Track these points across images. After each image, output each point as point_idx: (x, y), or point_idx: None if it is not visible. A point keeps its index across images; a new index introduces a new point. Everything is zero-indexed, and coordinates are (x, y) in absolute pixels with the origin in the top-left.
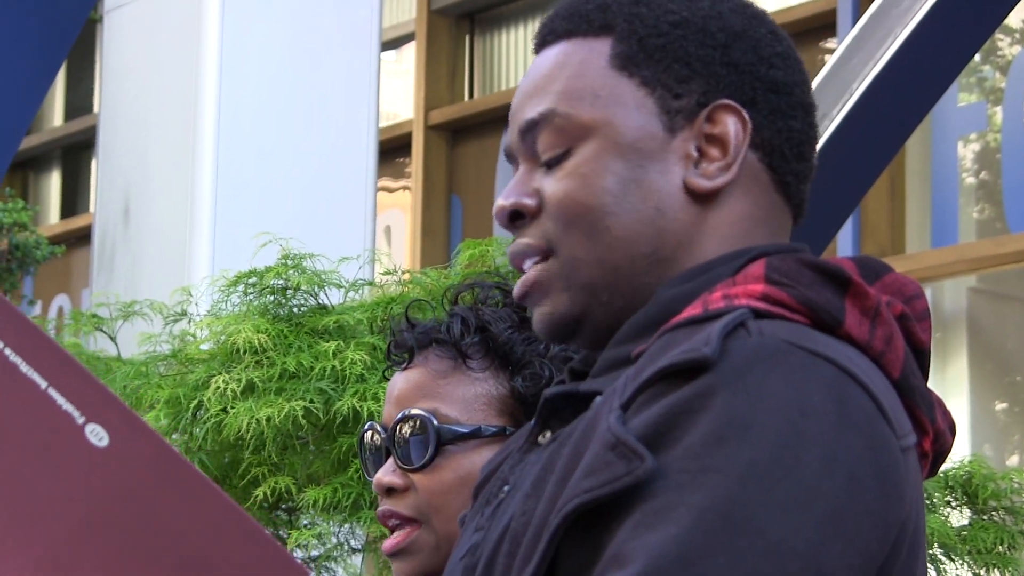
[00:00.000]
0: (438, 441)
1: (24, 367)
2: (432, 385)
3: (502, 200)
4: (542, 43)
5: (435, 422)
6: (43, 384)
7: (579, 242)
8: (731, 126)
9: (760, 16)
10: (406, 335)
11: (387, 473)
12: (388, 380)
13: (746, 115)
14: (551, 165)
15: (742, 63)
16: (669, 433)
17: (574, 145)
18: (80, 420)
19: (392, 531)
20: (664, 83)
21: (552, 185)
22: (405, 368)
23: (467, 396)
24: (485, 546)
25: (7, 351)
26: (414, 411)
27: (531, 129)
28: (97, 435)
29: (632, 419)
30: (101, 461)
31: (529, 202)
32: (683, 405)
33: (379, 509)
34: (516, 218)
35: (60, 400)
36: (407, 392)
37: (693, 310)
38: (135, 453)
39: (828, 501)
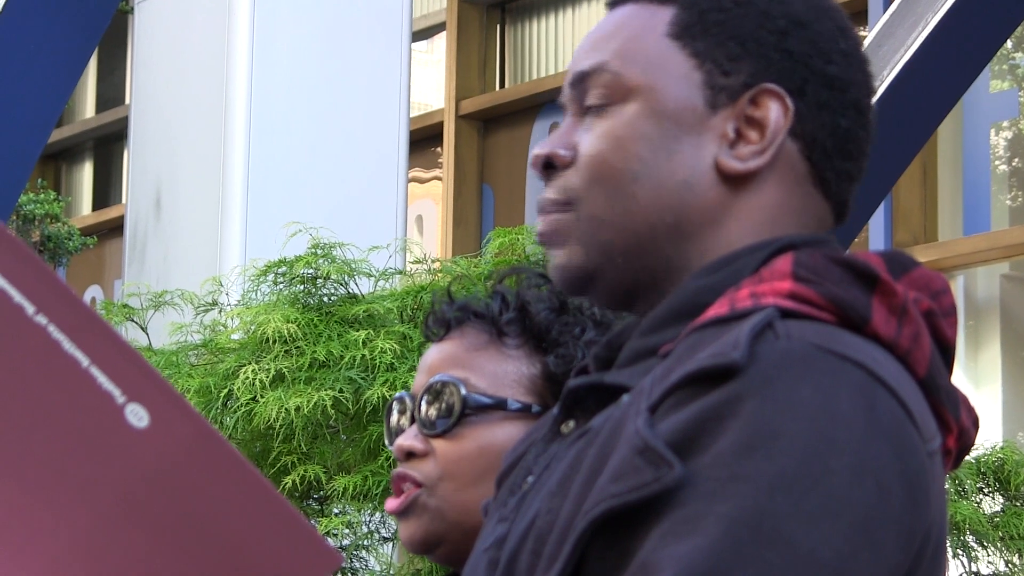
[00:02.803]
0: (463, 408)
1: (67, 344)
2: (465, 356)
3: (538, 149)
4: (614, 3)
5: (462, 389)
6: (85, 362)
7: (601, 202)
8: (773, 111)
9: (830, 10)
10: (445, 309)
11: (408, 438)
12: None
13: (789, 102)
14: (593, 112)
15: (797, 52)
16: (698, 440)
17: (616, 103)
18: (120, 400)
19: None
20: (714, 58)
21: (587, 141)
22: (440, 341)
23: (498, 371)
24: (509, 541)
25: (51, 327)
26: (442, 377)
27: (582, 80)
28: (137, 415)
29: (660, 423)
30: (139, 442)
31: (564, 153)
32: (712, 411)
33: (394, 472)
34: (549, 167)
35: (101, 379)
36: (439, 361)
37: (720, 308)
38: (175, 434)
39: (857, 511)
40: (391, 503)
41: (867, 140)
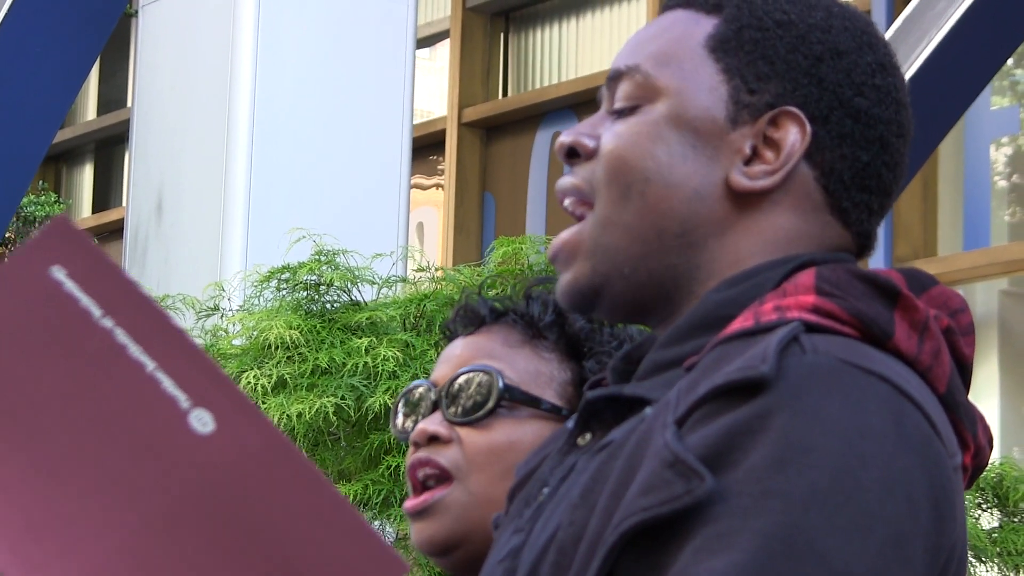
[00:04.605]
0: (500, 398)
1: (133, 348)
2: (499, 351)
3: (564, 136)
4: (666, 6)
5: (500, 380)
6: (151, 367)
7: (613, 201)
8: (790, 134)
9: (875, 45)
10: (479, 304)
11: (433, 423)
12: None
13: (809, 128)
14: (618, 115)
15: (828, 80)
16: (728, 454)
17: (643, 104)
18: (185, 405)
19: (419, 486)
20: (743, 75)
21: (609, 135)
22: (469, 336)
23: (530, 369)
24: (527, 552)
25: (117, 331)
26: (479, 365)
27: (616, 78)
28: (202, 421)
29: (689, 436)
30: (202, 448)
31: (588, 143)
32: (742, 426)
33: (413, 457)
34: (572, 155)
35: (166, 384)
36: (472, 353)
37: (744, 322)
38: (241, 440)
39: (888, 525)
40: (410, 501)
41: (892, 179)
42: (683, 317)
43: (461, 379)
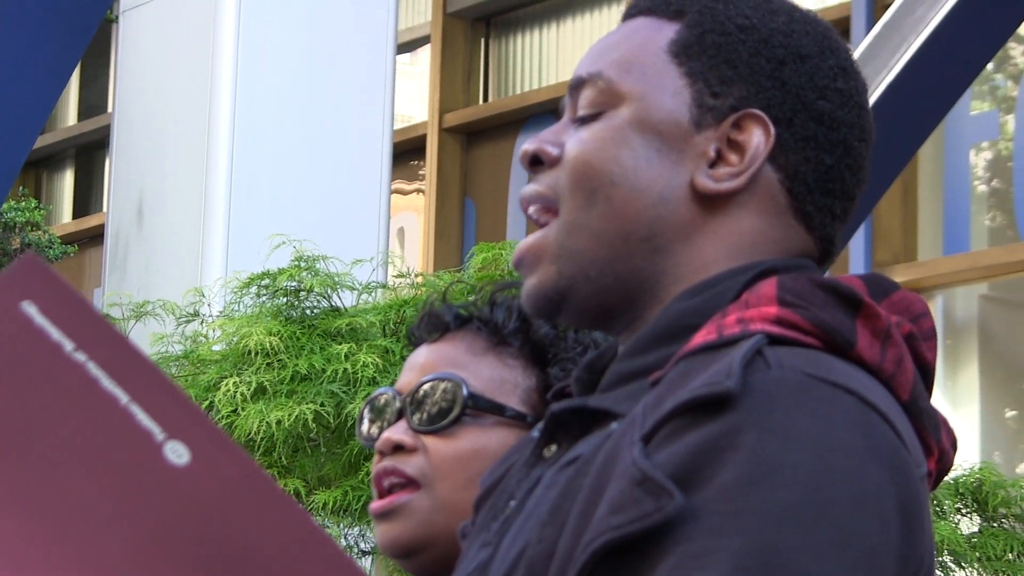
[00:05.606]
0: (464, 406)
1: (106, 381)
2: (463, 359)
3: (528, 144)
4: (627, 15)
5: (464, 388)
6: (124, 399)
7: (579, 205)
8: (754, 136)
9: (836, 50)
10: (444, 310)
11: (398, 431)
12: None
13: (772, 130)
14: (582, 122)
15: (791, 83)
16: (698, 472)
17: (607, 110)
18: (160, 437)
19: (384, 494)
20: (706, 79)
21: (573, 141)
22: (434, 343)
23: (494, 377)
24: (495, 567)
25: (89, 364)
26: (443, 373)
27: (578, 86)
28: (177, 452)
29: (656, 454)
30: (178, 480)
31: (552, 150)
32: (710, 444)
33: (379, 466)
34: (536, 163)
35: (140, 416)
36: (435, 361)
37: (708, 335)
38: (217, 472)
39: (861, 540)
40: (376, 503)
41: (855, 183)
42: (646, 327)
43: (426, 387)
